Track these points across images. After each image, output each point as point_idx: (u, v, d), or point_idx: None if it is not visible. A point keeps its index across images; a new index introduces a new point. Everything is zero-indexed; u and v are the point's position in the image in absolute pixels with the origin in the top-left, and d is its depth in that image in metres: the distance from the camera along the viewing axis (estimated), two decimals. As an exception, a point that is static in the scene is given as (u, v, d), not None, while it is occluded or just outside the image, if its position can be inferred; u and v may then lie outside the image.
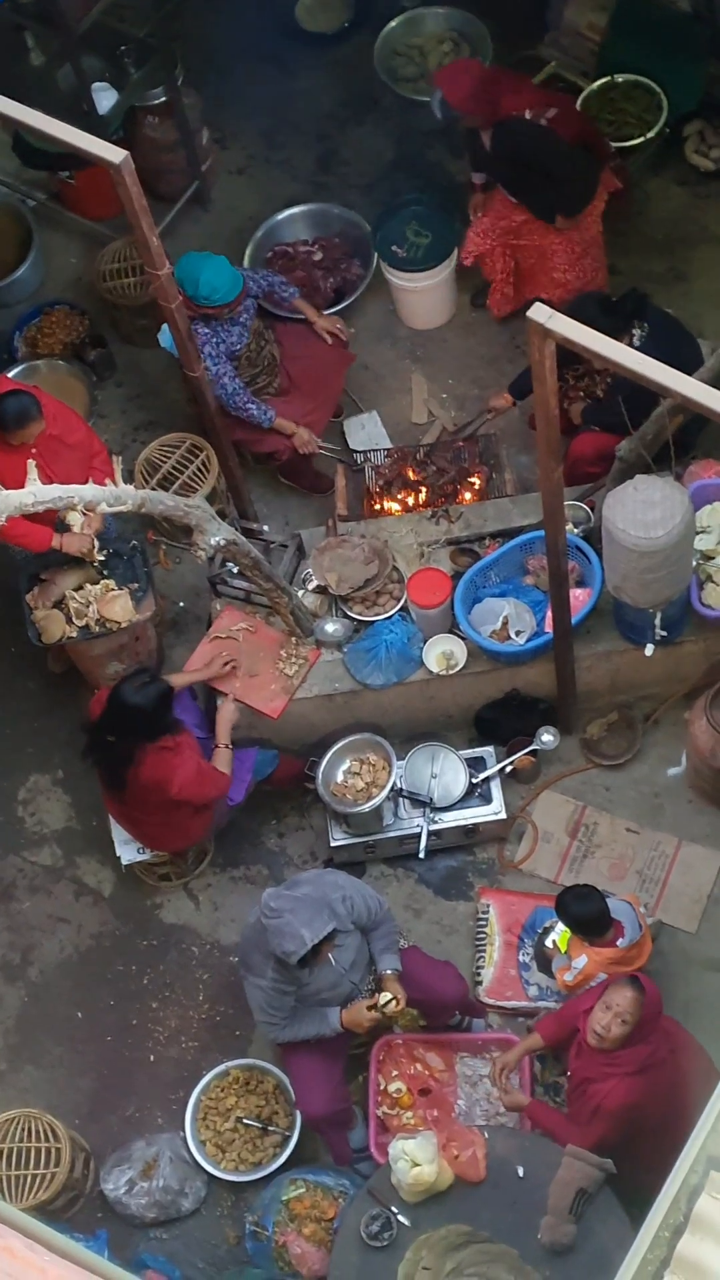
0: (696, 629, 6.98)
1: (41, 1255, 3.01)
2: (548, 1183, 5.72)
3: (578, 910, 6.29)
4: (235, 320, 7.39)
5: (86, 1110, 7.05)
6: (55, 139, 5.73)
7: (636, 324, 6.96)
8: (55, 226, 9.09)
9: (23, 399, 6.82)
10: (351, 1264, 5.86)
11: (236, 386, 7.44)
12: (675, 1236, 3.48)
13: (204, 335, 7.28)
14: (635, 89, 8.52)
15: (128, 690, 6.41)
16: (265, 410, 7.55)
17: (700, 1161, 3.58)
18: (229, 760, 6.83)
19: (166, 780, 6.50)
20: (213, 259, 7.21)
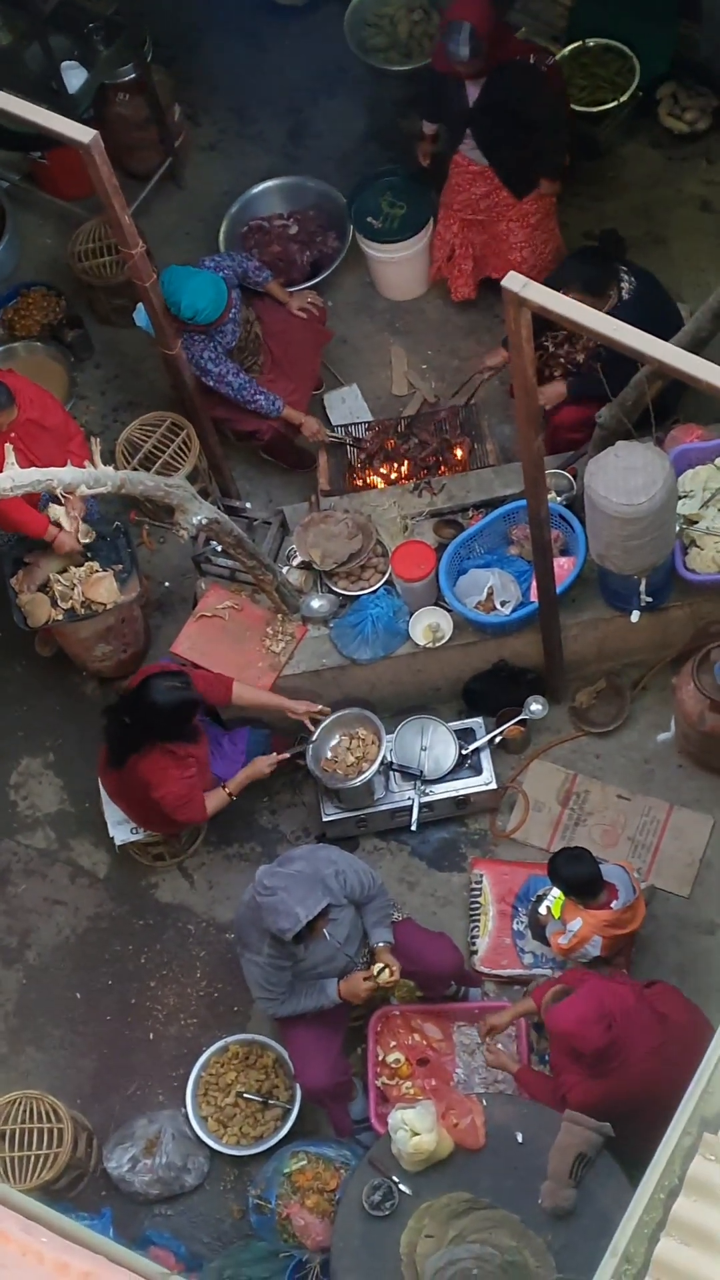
0: (681, 594, 6.98)
1: (40, 1237, 3.03)
2: (547, 1148, 5.76)
3: (570, 872, 6.31)
4: (226, 322, 7.36)
5: (88, 1090, 7.09)
6: (25, 120, 5.70)
7: (625, 273, 6.99)
8: (29, 207, 9.05)
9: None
10: (355, 1234, 5.90)
11: (243, 381, 7.42)
12: (670, 1199, 3.51)
13: (200, 342, 7.26)
14: (607, 53, 8.48)
15: (157, 686, 6.44)
16: (273, 401, 7.53)
17: (694, 1123, 3.60)
18: (221, 804, 6.85)
19: (154, 784, 6.56)
20: (194, 278, 7.15)
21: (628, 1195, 3.69)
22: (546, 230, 7.93)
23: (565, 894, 6.43)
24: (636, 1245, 3.50)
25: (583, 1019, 5.70)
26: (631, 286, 7.02)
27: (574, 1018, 5.73)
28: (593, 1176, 5.73)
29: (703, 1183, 3.49)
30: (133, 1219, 6.78)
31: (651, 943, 6.87)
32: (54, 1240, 3.10)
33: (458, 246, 8.10)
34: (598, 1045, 5.67)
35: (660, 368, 4.90)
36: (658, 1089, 5.59)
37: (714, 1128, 3.59)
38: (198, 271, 7.24)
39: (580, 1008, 5.74)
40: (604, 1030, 5.67)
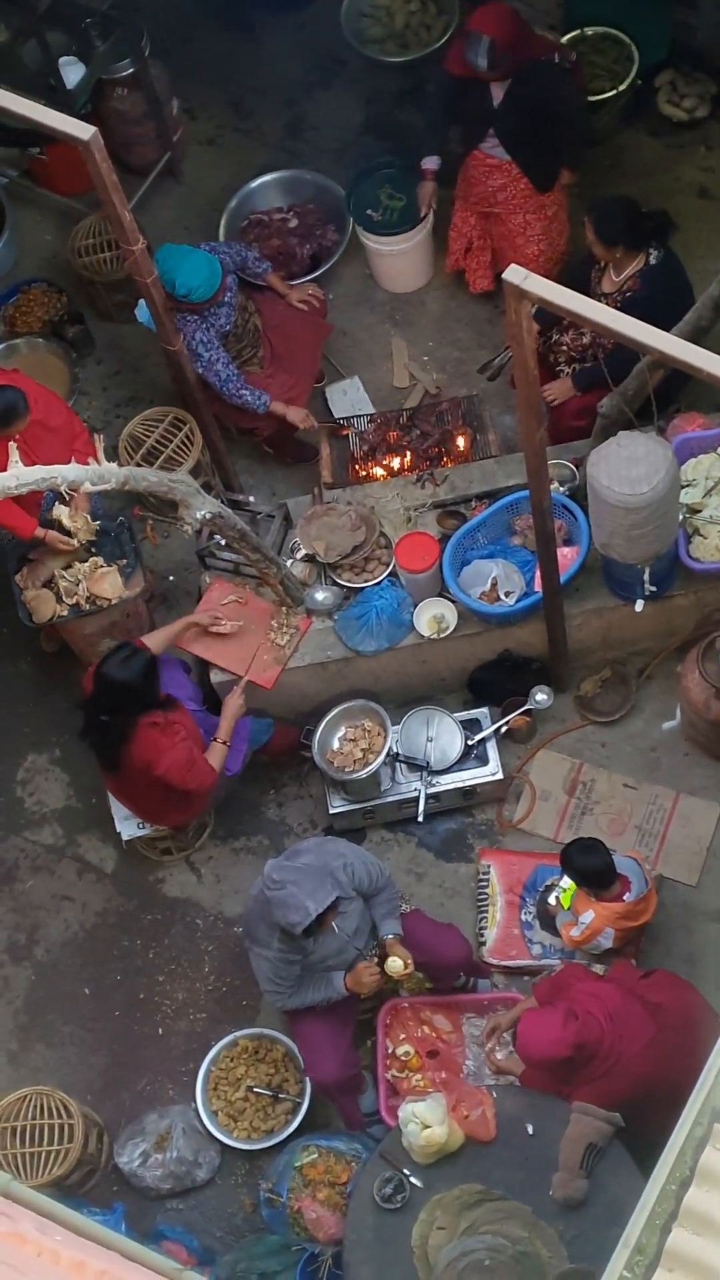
0: (685, 582, 6.98)
1: (54, 1236, 3.04)
2: (558, 1139, 5.78)
3: (583, 863, 6.31)
4: (220, 303, 7.36)
5: (99, 1086, 7.10)
6: (24, 117, 5.70)
7: (656, 244, 6.99)
8: (28, 204, 9.04)
9: (9, 395, 6.76)
10: (367, 1226, 5.92)
11: (230, 374, 7.41)
12: (682, 1189, 3.51)
13: (193, 323, 7.25)
14: (604, 41, 8.47)
15: (112, 666, 6.42)
16: (259, 396, 7.52)
17: (705, 1114, 3.61)
18: (223, 757, 6.83)
19: (153, 761, 6.52)
20: (188, 257, 7.15)
21: (639, 1185, 3.70)
22: (560, 222, 7.94)
23: (578, 885, 6.42)
24: (649, 1236, 3.51)
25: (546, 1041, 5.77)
26: (659, 257, 7.06)
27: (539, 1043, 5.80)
28: (604, 1167, 5.75)
29: (715, 1173, 3.49)
30: (145, 1214, 6.79)
31: (660, 931, 6.87)
32: (69, 1238, 3.11)
33: (475, 239, 8.09)
34: (567, 1054, 5.71)
35: (661, 358, 4.90)
36: (659, 1079, 5.62)
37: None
38: (193, 250, 7.23)
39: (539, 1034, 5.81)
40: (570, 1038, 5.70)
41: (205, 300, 7.19)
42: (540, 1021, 5.83)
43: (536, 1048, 5.79)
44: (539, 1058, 5.81)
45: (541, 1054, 5.78)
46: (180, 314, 7.16)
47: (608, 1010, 5.81)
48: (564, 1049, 5.69)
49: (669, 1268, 3.45)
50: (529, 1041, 5.83)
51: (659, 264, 7.07)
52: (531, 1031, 5.83)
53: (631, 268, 7.07)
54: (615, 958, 6.54)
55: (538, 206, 7.80)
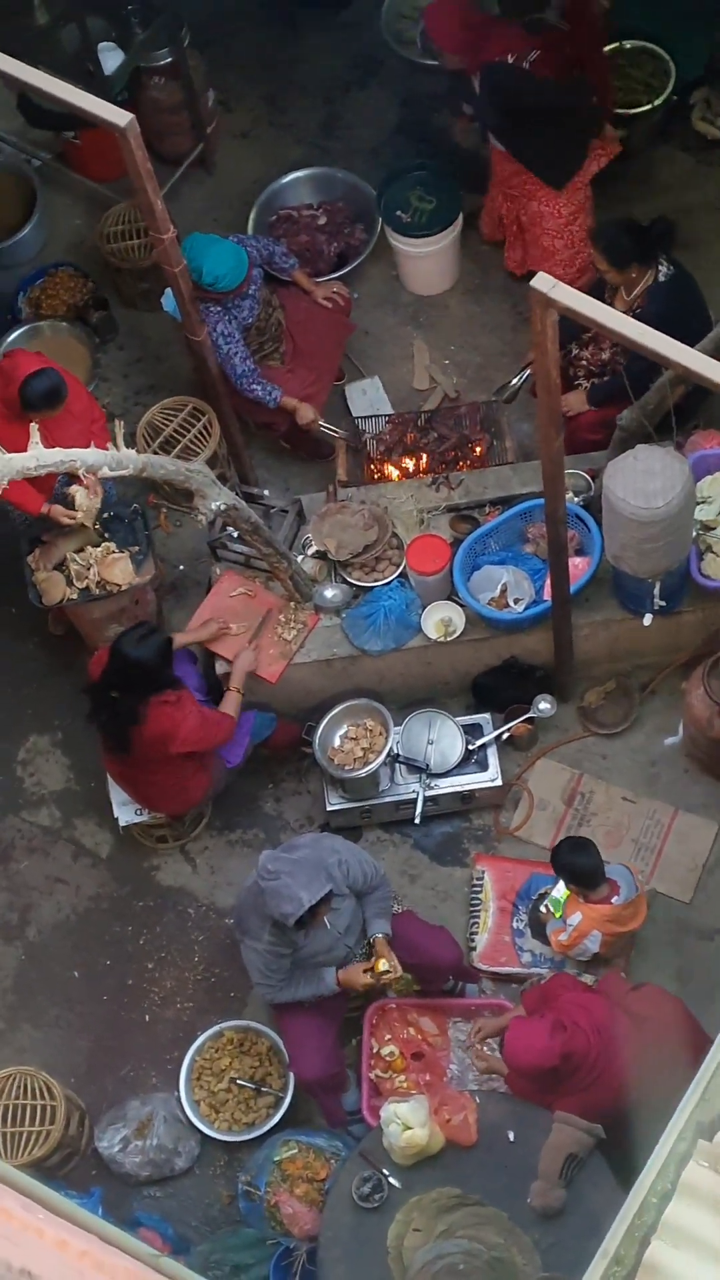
0: (695, 599, 6.99)
1: (37, 1214, 3.05)
2: (538, 1147, 5.78)
3: (573, 860, 6.32)
4: (244, 295, 7.37)
5: (83, 1069, 7.10)
6: (61, 101, 5.71)
7: (664, 258, 7.00)
8: (59, 187, 9.05)
9: (53, 378, 6.78)
10: (343, 1224, 5.92)
11: (247, 368, 7.42)
12: (663, 1202, 3.51)
13: (216, 313, 7.26)
14: (642, 55, 8.47)
15: (129, 644, 6.43)
16: (271, 390, 7.53)
17: (689, 1129, 3.61)
18: (238, 705, 6.86)
19: (170, 734, 6.52)
20: (215, 245, 7.17)
21: (617, 1197, 3.72)
22: (580, 226, 7.93)
23: (566, 883, 6.43)
24: (627, 1247, 3.51)
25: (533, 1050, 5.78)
26: (669, 272, 7.04)
27: (526, 1052, 5.81)
28: (583, 1177, 5.75)
29: (696, 1188, 3.49)
30: (122, 1200, 6.80)
31: (651, 947, 6.88)
32: (50, 1218, 3.12)
33: (505, 216, 8.15)
34: (554, 1064, 5.72)
35: (683, 373, 4.90)
36: (642, 1093, 5.62)
37: (710, 1134, 3.60)
38: (221, 239, 7.25)
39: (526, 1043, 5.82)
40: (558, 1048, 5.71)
41: (230, 290, 7.20)
42: (528, 1031, 5.84)
43: (524, 1057, 5.80)
44: (525, 1066, 5.82)
45: (528, 1063, 5.79)
46: (204, 304, 7.18)
47: (595, 1022, 5.82)
48: (551, 1059, 5.70)
49: (646, 1280, 3.46)
50: (516, 1050, 5.84)
51: (667, 281, 7.06)
52: (519, 1040, 5.84)
53: (641, 285, 7.07)
54: (605, 969, 6.55)
55: (549, 198, 7.82)
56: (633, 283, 7.05)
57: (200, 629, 7.12)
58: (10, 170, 8.96)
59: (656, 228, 7.05)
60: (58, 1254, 2.91)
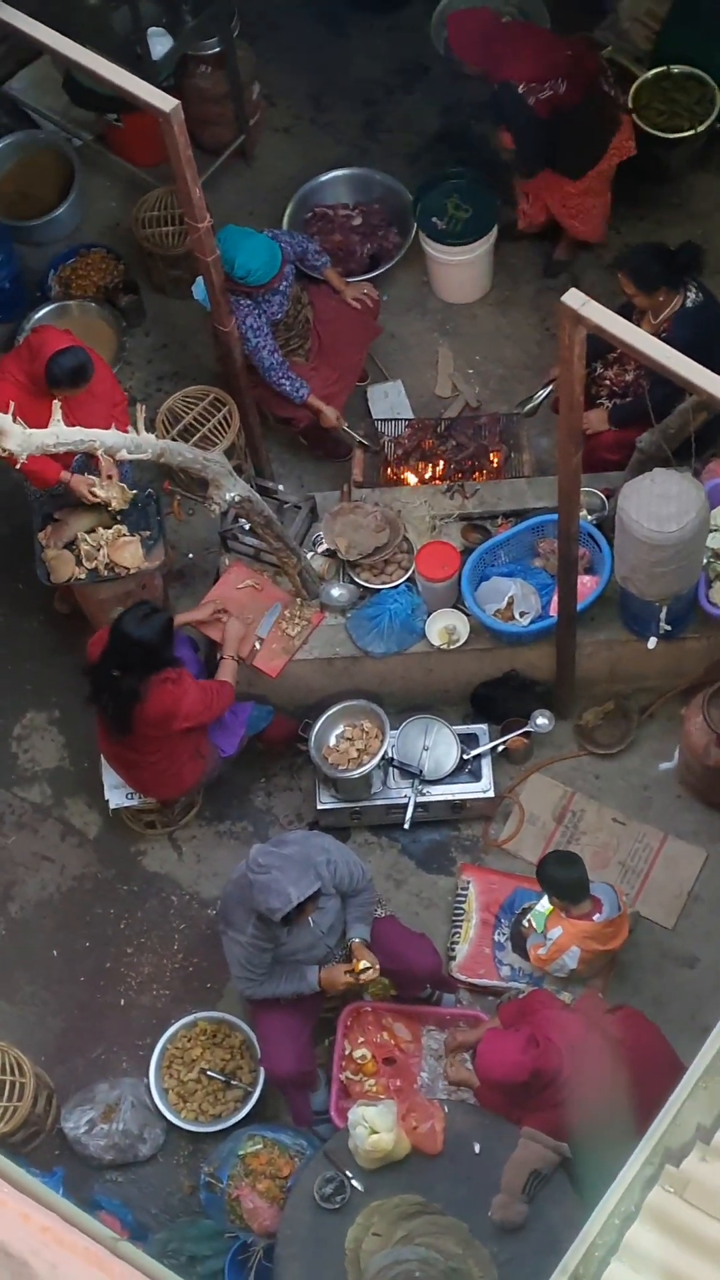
0: (700, 626, 6.99)
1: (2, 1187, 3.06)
2: (503, 1161, 5.78)
3: (557, 873, 6.32)
4: (275, 290, 7.38)
5: (54, 1049, 7.10)
6: (108, 82, 5.72)
7: (693, 283, 7.00)
8: (98, 169, 9.06)
9: (80, 356, 6.78)
10: (302, 1223, 5.92)
11: (275, 361, 7.43)
12: (625, 1224, 3.53)
13: (246, 307, 7.27)
14: (689, 81, 8.46)
15: (131, 622, 6.44)
16: (299, 387, 7.54)
17: (658, 1154, 3.62)
18: (234, 671, 6.88)
19: (172, 711, 6.53)
20: (250, 239, 7.18)
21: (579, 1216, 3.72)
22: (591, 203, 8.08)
23: (550, 895, 6.43)
24: (586, 1266, 3.53)
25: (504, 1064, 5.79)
26: (698, 299, 7.03)
27: (498, 1065, 5.82)
28: (545, 1195, 5.75)
29: (659, 1213, 3.51)
30: (83, 1181, 6.80)
31: (631, 971, 6.88)
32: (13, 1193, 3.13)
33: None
34: (523, 1079, 5.72)
35: (707, 399, 4.91)
36: (611, 1115, 5.62)
37: (677, 1160, 3.61)
38: (255, 234, 7.26)
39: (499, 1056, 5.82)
40: (529, 1064, 5.71)
41: (262, 284, 7.21)
42: (502, 1043, 5.85)
43: (495, 1068, 5.81)
44: (496, 1078, 5.82)
45: (499, 1075, 5.79)
46: (234, 297, 7.18)
47: (569, 1041, 5.82)
48: (521, 1074, 5.70)
49: (603, 1300, 3.47)
50: (488, 1062, 5.84)
51: (695, 307, 7.04)
52: (492, 1052, 5.84)
53: (668, 310, 7.05)
54: (583, 988, 6.55)
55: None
56: (660, 307, 7.05)
57: (197, 609, 7.12)
58: (51, 148, 8.98)
59: (684, 253, 7.05)
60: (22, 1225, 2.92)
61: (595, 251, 8.58)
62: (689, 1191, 3.53)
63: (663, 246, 7.19)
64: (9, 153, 8.98)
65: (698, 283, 7.08)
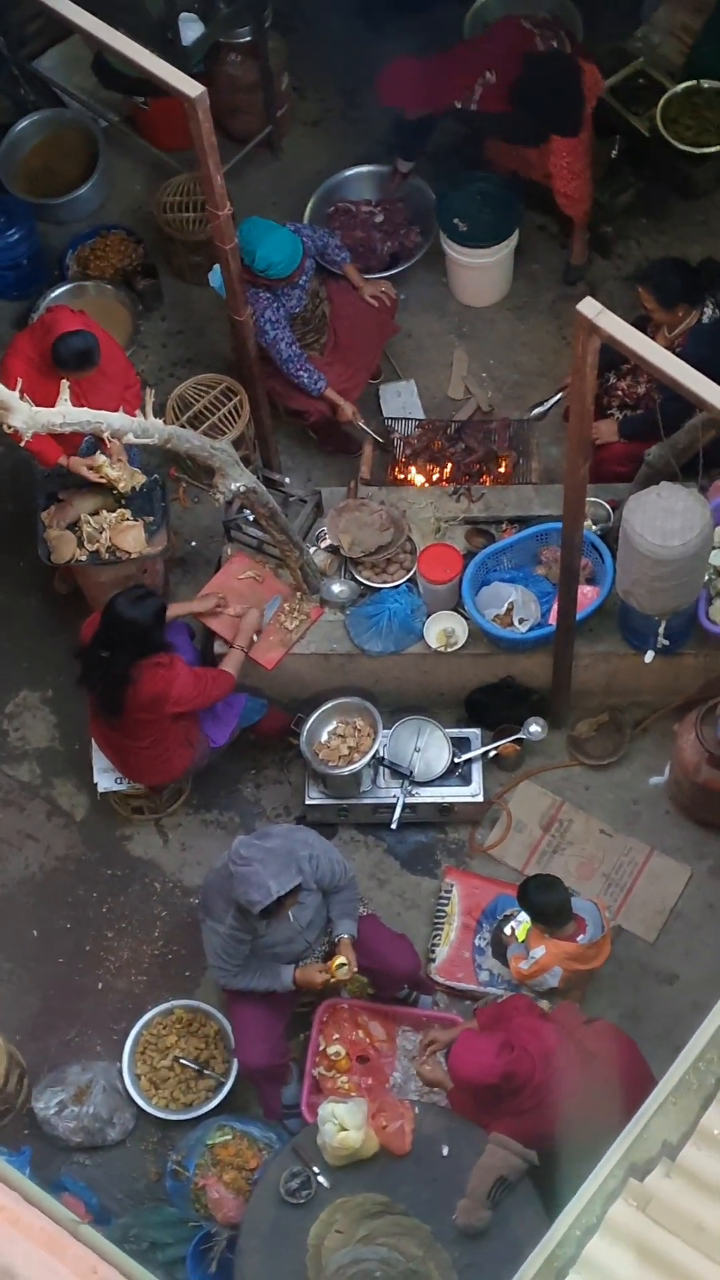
0: (699, 642, 6.98)
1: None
2: (470, 1166, 5.77)
3: (539, 899, 6.31)
4: (295, 284, 7.37)
5: (28, 1027, 7.10)
6: (137, 64, 5.71)
7: (710, 299, 6.98)
8: (123, 150, 9.05)
9: (87, 339, 6.77)
10: (266, 1217, 5.92)
11: (293, 353, 7.42)
12: (586, 1236, 3.52)
13: (264, 300, 7.26)
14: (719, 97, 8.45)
15: (124, 603, 6.44)
16: (316, 380, 7.53)
17: (621, 1168, 3.61)
18: (239, 664, 6.87)
19: (164, 694, 6.52)
20: (273, 232, 7.17)
21: (542, 1225, 3.72)
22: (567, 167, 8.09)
23: (532, 920, 6.43)
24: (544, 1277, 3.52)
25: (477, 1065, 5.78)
26: (715, 315, 7.02)
27: (470, 1066, 5.81)
28: (510, 1202, 5.74)
29: (619, 1226, 3.50)
30: (50, 1162, 6.79)
31: (609, 984, 6.88)
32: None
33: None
34: (494, 1081, 5.72)
35: (717, 416, 4.89)
36: (582, 1126, 5.62)
37: (641, 1174, 3.60)
38: (278, 227, 7.25)
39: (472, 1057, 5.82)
40: (501, 1067, 5.71)
41: (282, 278, 7.20)
42: (476, 1044, 5.84)
43: (467, 1069, 5.80)
44: (466, 1078, 5.82)
45: (470, 1075, 5.79)
46: (253, 289, 7.18)
47: (543, 1049, 5.81)
48: (492, 1076, 5.70)
49: (558, 1312, 3.46)
50: (461, 1062, 5.83)
51: (711, 324, 7.04)
52: (465, 1052, 5.84)
53: (684, 325, 7.05)
54: (561, 998, 6.54)
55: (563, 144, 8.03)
56: (676, 322, 7.04)
57: (197, 601, 7.12)
58: (77, 127, 8.97)
59: (707, 269, 7.04)
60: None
61: (614, 262, 8.57)
62: (651, 1207, 3.52)
63: (684, 262, 7.19)
64: (35, 130, 8.97)
65: (716, 299, 7.07)
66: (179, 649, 6.79)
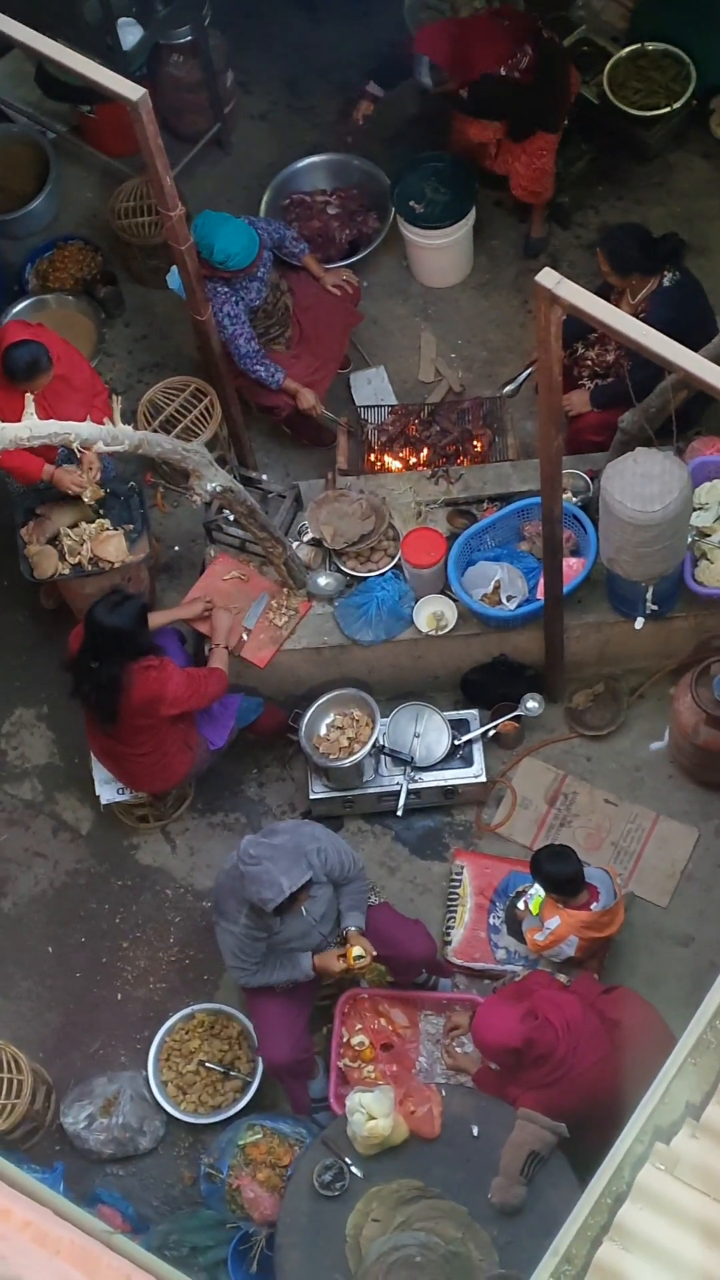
0: (687, 605, 6.98)
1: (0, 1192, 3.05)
2: (501, 1143, 5.78)
3: (552, 869, 6.33)
4: (253, 277, 7.36)
5: (51, 1044, 7.10)
6: (76, 73, 5.69)
7: (669, 267, 6.98)
8: (73, 160, 9.04)
9: (33, 349, 6.77)
10: (302, 1211, 5.92)
11: (251, 349, 7.41)
12: (617, 1204, 3.52)
13: (223, 294, 7.24)
14: (665, 58, 8.44)
15: (103, 611, 6.43)
16: (274, 373, 7.52)
17: (647, 1131, 3.61)
18: (225, 659, 6.86)
19: (158, 696, 6.50)
20: (228, 223, 7.15)
21: (576, 1196, 3.71)
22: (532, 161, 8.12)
23: (546, 891, 6.43)
24: (579, 1247, 3.52)
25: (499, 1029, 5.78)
26: (674, 278, 7.03)
27: (492, 1030, 5.82)
28: (544, 1176, 5.75)
29: (650, 1191, 3.50)
30: (84, 1176, 6.80)
31: (625, 950, 6.88)
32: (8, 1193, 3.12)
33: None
34: (515, 1044, 5.72)
35: (686, 378, 4.89)
36: (608, 1095, 5.63)
37: (667, 1137, 3.60)
38: (233, 218, 7.23)
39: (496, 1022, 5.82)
40: (524, 1032, 5.71)
41: (240, 269, 7.18)
42: (500, 1009, 5.86)
43: (491, 1033, 5.80)
44: (490, 1043, 5.82)
45: (493, 1040, 5.79)
46: (211, 284, 7.16)
47: (566, 1020, 5.82)
48: (515, 1040, 5.70)
49: (595, 1280, 3.46)
50: (484, 1026, 5.84)
51: (672, 286, 7.03)
52: (489, 1016, 5.85)
53: (645, 290, 7.05)
54: (578, 969, 6.55)
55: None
56: (635, 288, 7.04)
57: (185, 606, 7.11)
58: (25, 142, 8.95)
59: (666, 243, 7.03)
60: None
61: (574, 231, 8.56)
62: (679, 1169, 3.52)
63: (645, 231, 7.18)
64: (-17, 148, 8.96)
65: (675, 267, 7.06)
66: (169, 654, 6.78)
